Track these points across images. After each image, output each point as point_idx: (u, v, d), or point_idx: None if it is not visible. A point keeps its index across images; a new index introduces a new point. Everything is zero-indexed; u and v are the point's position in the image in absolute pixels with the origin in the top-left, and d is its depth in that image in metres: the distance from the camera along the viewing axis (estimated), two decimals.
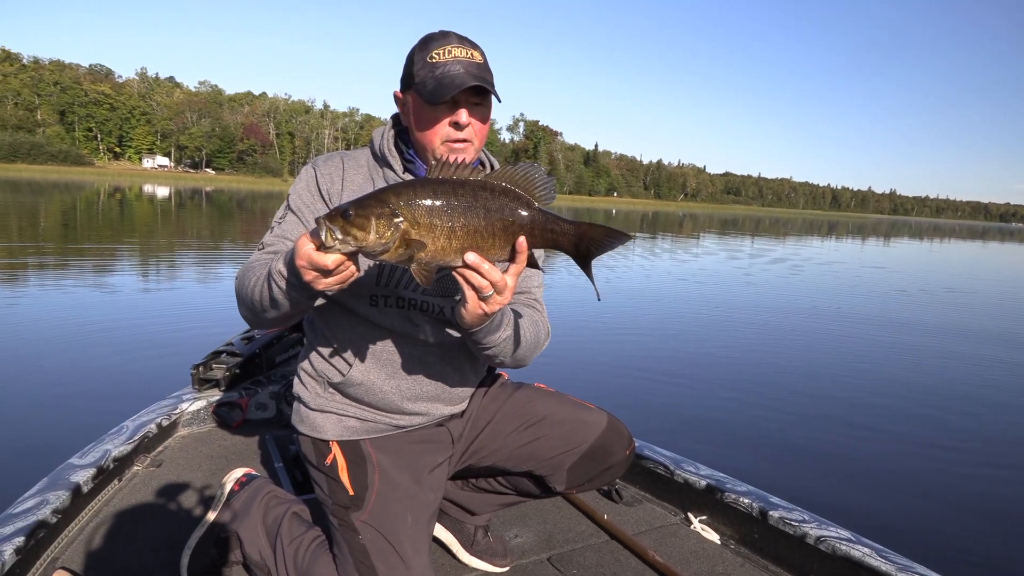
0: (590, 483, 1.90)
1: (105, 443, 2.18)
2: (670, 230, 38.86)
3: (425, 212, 1.26)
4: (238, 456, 2.50)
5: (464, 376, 1.79)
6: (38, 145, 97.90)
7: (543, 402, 1.88)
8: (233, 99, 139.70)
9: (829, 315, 10.15)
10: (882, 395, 5.85)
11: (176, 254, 13.04)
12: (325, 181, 1.69)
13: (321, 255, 1.23)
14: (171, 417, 2.57)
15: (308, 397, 1.75)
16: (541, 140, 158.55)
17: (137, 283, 9.22)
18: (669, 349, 7.10)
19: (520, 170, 1.33)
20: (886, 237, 50.82)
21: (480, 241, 1.30)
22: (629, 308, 9.39)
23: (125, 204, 31.15)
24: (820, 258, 23.29)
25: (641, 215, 68.67)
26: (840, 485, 3.95)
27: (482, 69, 1.59)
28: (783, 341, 7.92)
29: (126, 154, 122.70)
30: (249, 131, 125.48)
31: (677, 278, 13.80)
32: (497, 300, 1.36)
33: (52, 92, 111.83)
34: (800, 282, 14.80)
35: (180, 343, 5.95)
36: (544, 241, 1.36)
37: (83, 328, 6.28)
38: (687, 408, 5.15)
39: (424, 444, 1.76)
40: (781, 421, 4.98)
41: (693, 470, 2.39)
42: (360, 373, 1.68)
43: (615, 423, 1.88)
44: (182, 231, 18.86)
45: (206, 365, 2.81)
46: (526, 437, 1.84)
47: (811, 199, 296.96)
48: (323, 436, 1.71)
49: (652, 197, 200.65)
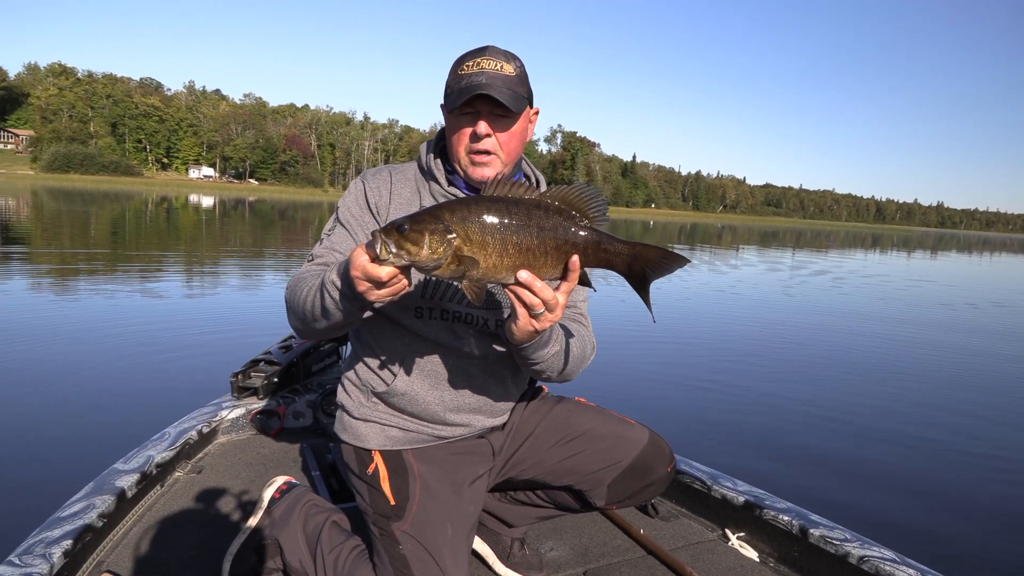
0: (630, 499, 1.88)
1: (148, 449, 2.23)
2: (708, 242, 38.43)
3: (478, 229, 1.27)
4: (276, 464, 2.53)
5: (506, 389, 1.79)
6: (90, 156, 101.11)
7: (584, 417, 1.88)
8: (277, 111, 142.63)
9: (873, 329, 9.91)
10: (929, 411, 5.68)
11: (218, 263, 13.32)
12: (373, 194, 1.71)
13: (375, 267, 1.25)
14: (211, 424, 2.62)
15: (352, 406, 1.77)
16: (579, 151, 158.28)
17: (180, 291, 9.43)
18: (707, 361, 7.01)
19: (575, 190, 1.34)
20: (933, 250, 49.46)
21: (532, 259, 1.31)
22: (666, 319, 9.30)
23: (171, 213, 31.98)
24: (864, 271, 22.78)
25: (679, 227, 68.05)
26: (884, 503, 3.84)
27: (509, 82, 1.58)
28: (823, 355, 7.76)
29: (173, 165, 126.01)
30: (291, 142, 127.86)
31: (714, 289, 13.63)
32: (548, 318, 1.36)
33: (104, 105, 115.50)
34: (842, 294, 14.49)
35: (221, 350, 6.07)
36: (597, 261, 1.36)
37: (128, 333, 6.44)
38: (725, 422, 5.06)
39: (465, 456, 1.76)
40: (822, 436, 4.87)
41: (731, 486, 2.34)
42: (404, 384, 1.69)
43: (656, 440, 1.86)
44: (225, 240, 19.27)
45: (245, 373, 2.85)
46: (566, 451, 1.83)
47: (854, 211, 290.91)
48: (366, 445, 1.73)
49: (690, 209, 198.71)
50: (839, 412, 5.48)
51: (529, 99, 1.67)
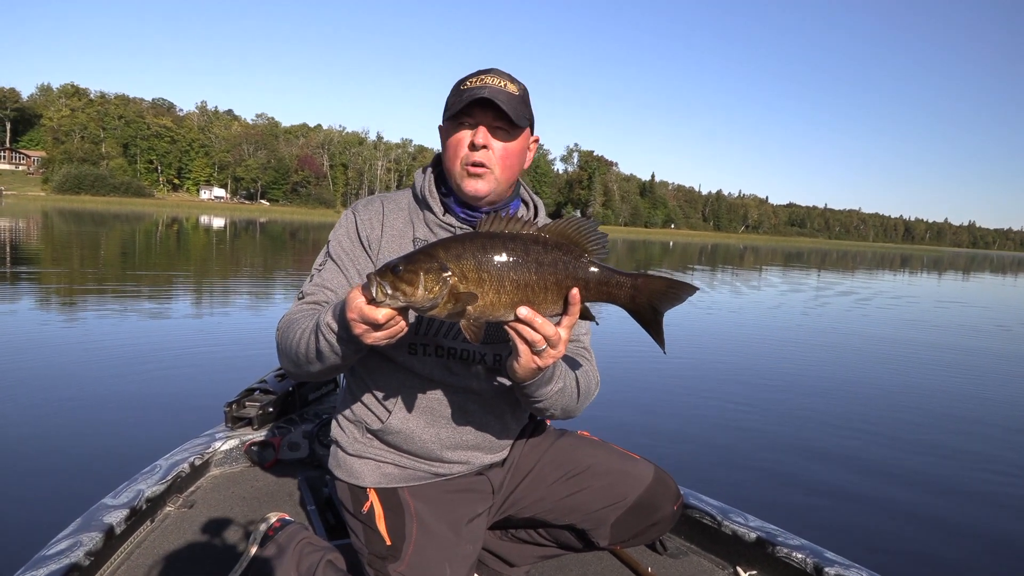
0: (635, 539, 1.85)
1: (138, 482, 2.22)
2: (730, 263, 38.26)
3: (473, 266, 1.29)
4: (270, 497, 2.51)
5: (505, 424, 1.78)
6: (101, 177, 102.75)
7: (586, 452, 1.86)
8: (289, 131, 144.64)
9: (896, 353, 9.78)
10: (955, 442, 5.55)
11: (221, 286, 13.39)
12: (365, 227, 1.72)
13: (372, 309, 1.26)
14: (204, 456, 2.60)
15: (346, 442, 1.76)
16: (596, 170, 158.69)
17: (177, 315, 9.42)
18: (717, 388, 6.91)
19: (572, 223, 1.36)
20: (965, 271, 48.90)
21: (531, 295, 1.32)
22: (673, 344, 9.22)
23: (182, 235, 32.35)
24: (890, 292, 22.53)
25: (699, 248, 67.86)
26: (904, 542, 3.75)
27: (512, 98, 1.59)
28: (843, 382, 7.63)
29: (184, 185, 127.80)
30: (303, 163, 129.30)
31: (731, 311, 13.56)
32: (551, 354, 1.37)
33: (116, 126, 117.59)
34: (864, 316, 14.35)
35: (216, 377, 6.05)
36: (599, 294, 1.38)
37: (119, 360, 6.43)
38: (735, 453, 4.98)
39: (463, 493, 1.75)
40: (838, 469, 4.77)
41: (742, 521, 2.30)
42: (399, 421, 1.69)
43: (662, 476, 1.84)
44: (235, 262, 19.44)
45: (239, 403, 2.83)
46: (568, 488, 1.81)
47: (882, 231, 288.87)
48: (360, 483, 1.72)
49: (711, 229, 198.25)
50: (857, 443, 5.37)
51: (531, 121, 1.67)
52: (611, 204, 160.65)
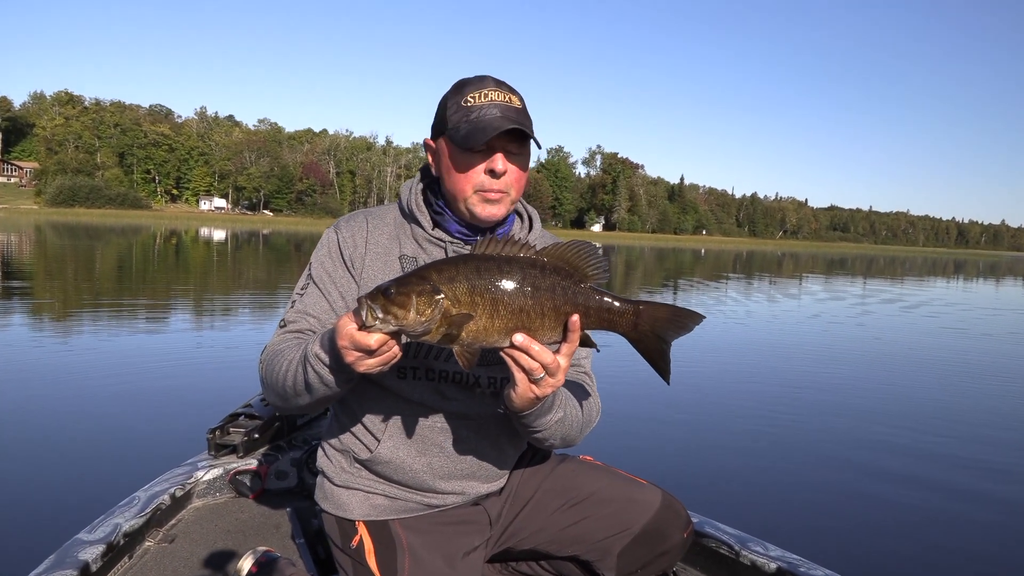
0: (643, 570, 1.84)
1: (115, 516, 2.22)
2: (767, 270, 38.02)
3: (466, 290, 1.32)
4: (256, 530, 2.51)
5: (502, 451, 1.78)
6: (96, 188, 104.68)
7: (589, 478, 1.85)
8: (293, 137, 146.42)
9: (938, 366, 9.59)
10: (996, 465, 5.38)
11: (214, 303, 13.50)
12: (348, 246, 1.72)
13: (364, 335, 1.28)
14: (185, 487, 2.59)
15: (333, 472, 1.76)
16: (620, 174, 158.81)
17: (161, 336, 9.33)
18: (732, 405, 6.80)
19: (571, 246, 1.40)
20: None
21: (527, 321, 1.35)
22: (684, 358, 9.12)
23: (181, 249, 32.70)
24: (939, 300, 22.22)
25: (733, 255, 67.52)
26: (934, 571, 3.67)
27: (520, 114, 1.61)
28: (877, 398, 7.47)
29: (183, 196, 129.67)
30: (308, 170, 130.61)
31: (764, 320, 13.46)
32: (549, 383, 1.39)
33: (112, 134, 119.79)
34: (912, 325, 14.14)
35: (199, 401, 6.00)
36: (599, 322, 1.41)
37: (95, 383, 6.40)
38: (753, 476, 4.89)
39: (459, 526, 1.74)
40: (865, 494, 4.67)
41: (761, 550, 2.26)
42: (389, 450, 1.69)
43: (670, 502, 1.83)
44: (236, 277, 19.65)
45: (223, 429, 2.82)
46: (571, 517, 1.80)
47: (933, 235, 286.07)
48: (348, 515, 1.72)
49: (746, 234, 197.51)
50: (889, 466, 5.25)
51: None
52: (637, 209, 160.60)
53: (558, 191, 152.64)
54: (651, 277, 27.68)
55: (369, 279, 1.68)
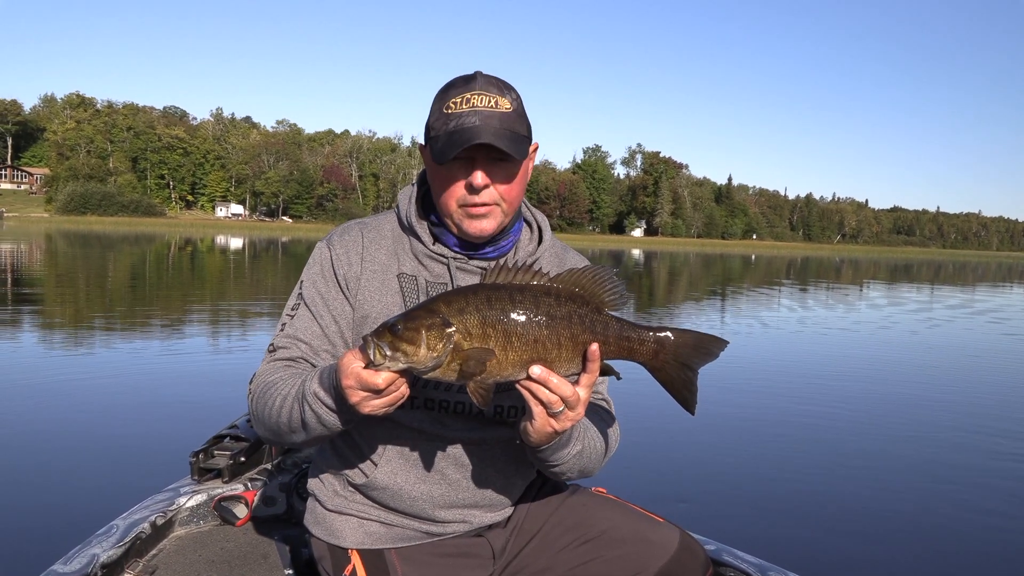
0: None
1: (92, 546, 2.19)
2: (824, 277, 37.52)
3: (478, 322, 1.33)
4: (242, 561, 2.48)
5: (507, 479, 1.76)
6: (109, 195, 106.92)
7: (602, 513, 1.82)
8: (313, 139, 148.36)
9: (987, 387, 9.37)
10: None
11: (211, 316, 13.64)
12: (342, 263, 1.70)
13: (371, 374, 1.28)
14: (167, 515, 2.57)
15: (325, 496, 1.75)
16: (663, 174, 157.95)
17: (148, 351, 9.24)
18: (753, 427, 6.67)
19: (587, 272, 1.42)
20: None
21: (544, 352, 1.36)
22: (705, 376, 9.01)
23: (196, 259, 33.14)
24: (1002, 311, 21.72)
25: (787, 261, 66.80)
26: None
27: (506, 120, 1.56)
28: (916, 417, 7.32)
29: (199, 202, 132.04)
30: (329, 173, 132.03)
31: (801, 332, 13.29)
32: (569, 416, 1.39)
33: (125, 138, 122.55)
34: (967, 329, 13.84)
35: (183, 419, 5.98)
36: (619, 351, 1.43)
37: (74, 402, 6.39)
38: (778, 501, 4.83)
39: (459, 558, 1.73)
40: (895, 518, 4.59)
41: None
42: (386, 476, 1.67)
43: (688, 543, 1.79)
44: (254, 285, 19.88)
45: (207, 452, 2.79)
46: (580, 556, 1.77)
47: (1008, 238, 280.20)
48: (341, 543, 1.71)
49: (801, 239, 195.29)
50: (923, 491, 5.14)
51: (529, 137, 1.65)
52: (681, 213, 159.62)
53: (596, 193, 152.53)
54: (696, 286, 27.43)
55: (365, 300, 1.67)
